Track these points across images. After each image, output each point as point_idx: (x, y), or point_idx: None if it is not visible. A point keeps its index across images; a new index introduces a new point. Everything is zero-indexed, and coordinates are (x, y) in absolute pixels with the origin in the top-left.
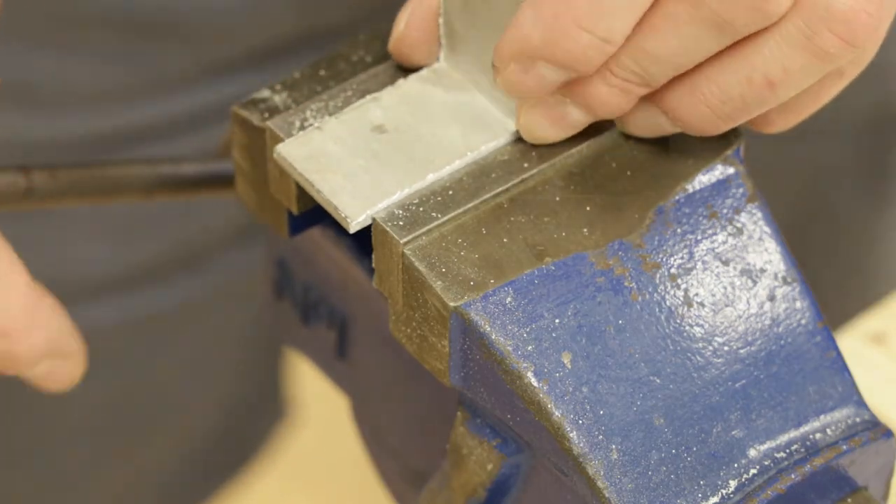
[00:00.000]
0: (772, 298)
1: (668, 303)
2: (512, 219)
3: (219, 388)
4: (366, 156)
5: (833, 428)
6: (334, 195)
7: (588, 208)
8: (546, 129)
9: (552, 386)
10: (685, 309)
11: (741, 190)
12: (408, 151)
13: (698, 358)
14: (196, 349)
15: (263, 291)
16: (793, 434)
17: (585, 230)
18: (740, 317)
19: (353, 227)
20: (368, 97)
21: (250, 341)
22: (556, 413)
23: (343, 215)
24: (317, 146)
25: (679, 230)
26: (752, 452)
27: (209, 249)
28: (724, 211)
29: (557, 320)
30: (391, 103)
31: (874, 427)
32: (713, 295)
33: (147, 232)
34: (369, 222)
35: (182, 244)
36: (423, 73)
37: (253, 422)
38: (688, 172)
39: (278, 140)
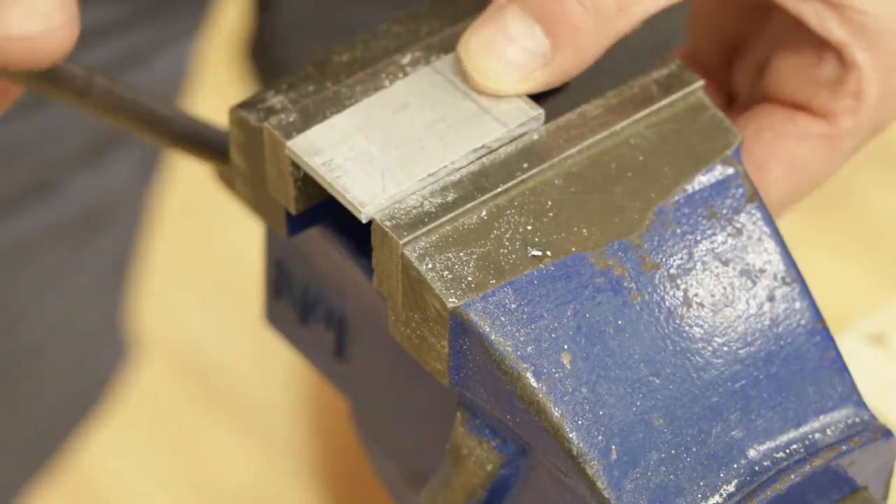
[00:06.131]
0: (771, 299)
1: (667, 303)
2: (512, 219)
3: (69, 322)
4: (367, 153)
5: (833, 428)
6: (346, 188)
7: (588, 208)
8: (496, 63)
9: (552, 386)
10: (685, 309)
11: (741, 190)
12: (406, 151)
13: (698, 358)
14: (49, 279)
15: (263, 291)
16: (792, 434)
17: (585, 230)
18: (740, 317)
19: (365, 217)
20: (366, 98)
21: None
22: (556, 413)
23: (355, 205)
24: (322, 143)
25: (678, 230)
26: (752, 453)
27: (62, 173)
28: (724, 211)
29: (557, 321)
30: (388, 104)
31: (874, 427)
32: (713, 295)
33: None
34: (376, 214)
35: (34, 171)
36: (420, 74)
37: (100, 358)
38: (687, 173)
39: (276, 140)
